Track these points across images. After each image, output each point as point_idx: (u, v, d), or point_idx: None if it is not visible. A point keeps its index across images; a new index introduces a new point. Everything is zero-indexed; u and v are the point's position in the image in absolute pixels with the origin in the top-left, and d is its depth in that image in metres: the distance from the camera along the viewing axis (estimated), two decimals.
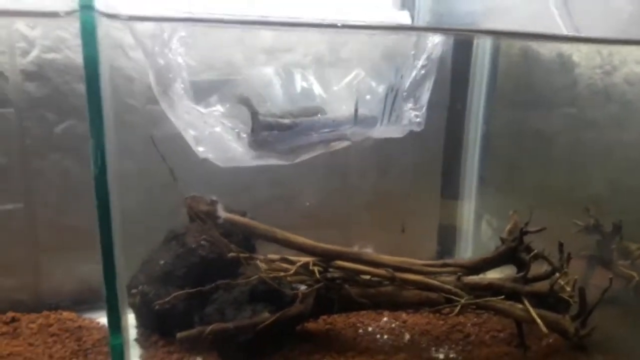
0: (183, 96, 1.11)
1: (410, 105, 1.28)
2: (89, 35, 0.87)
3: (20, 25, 1.30)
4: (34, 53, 1.33)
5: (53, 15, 0.92)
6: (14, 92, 1.33)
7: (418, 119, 1.28)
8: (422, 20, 1.50)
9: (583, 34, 1.30)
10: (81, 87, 1.37)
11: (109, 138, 0.93)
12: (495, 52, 1.72)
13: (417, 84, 1.24)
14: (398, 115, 1.28)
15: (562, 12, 1.29)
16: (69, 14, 0.90)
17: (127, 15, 0.94)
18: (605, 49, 1.61)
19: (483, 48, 1.72)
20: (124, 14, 0.93)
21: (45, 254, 1.44)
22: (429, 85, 1.28)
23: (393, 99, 1.24)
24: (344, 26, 1.02)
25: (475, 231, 1.82)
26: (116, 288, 0.98)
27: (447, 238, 1.84)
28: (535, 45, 1.66)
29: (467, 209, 1.83)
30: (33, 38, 1.32)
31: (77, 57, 1.36)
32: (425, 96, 1.29)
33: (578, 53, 1.64)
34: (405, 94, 1.22)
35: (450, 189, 1.81)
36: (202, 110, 1.16)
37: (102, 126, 0.88)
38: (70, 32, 1.34)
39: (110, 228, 0.91)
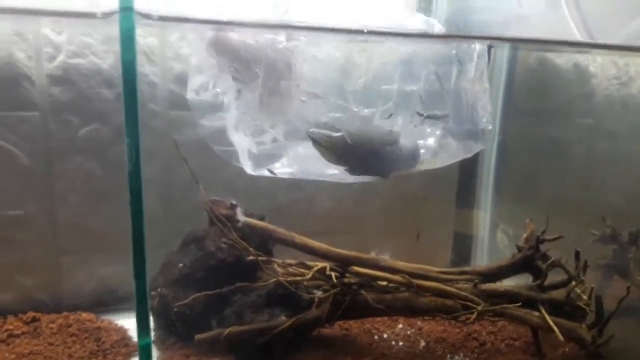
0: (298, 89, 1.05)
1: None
2: (128, 37, 0.88)
3: (47, 30, 1.34)
4: (60, 58, 1.36)
5: (89, 16, 0.93)
6: (39, 96, 1.36)
7: (490, 126, 1.28)
8: (438, 30, 1.50)
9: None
10: (105, 92, 1.41)
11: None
12: (512, 62, 1.73)
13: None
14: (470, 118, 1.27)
15: (577, 23, 1.30)
16: (107, 15, 0.90)
17: (158, 16, 0.93)
18: (621, 60, 1.62)
19: (500, 57, 1.73)
20: (154, 14, 0.93)
21: (65, 255, 1.46)
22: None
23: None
24: (370, 32, 1.02)
25: (491, 240, 1.82)
26: (146, 287, 0.98)
27: (463, 247, 1.84)
28: (551, 55, 1.67)
29: (483, 218, 1.83)
30: (59, 43, 1.35)
31: (101, 62, 1.39)
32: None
33: (594, 64, 1.64)
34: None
35: (466, 197, 1.81)
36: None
37: (136, 122, 0.88)
38: (94, 38, 1.38)
39: (142, 224, 0.91)
